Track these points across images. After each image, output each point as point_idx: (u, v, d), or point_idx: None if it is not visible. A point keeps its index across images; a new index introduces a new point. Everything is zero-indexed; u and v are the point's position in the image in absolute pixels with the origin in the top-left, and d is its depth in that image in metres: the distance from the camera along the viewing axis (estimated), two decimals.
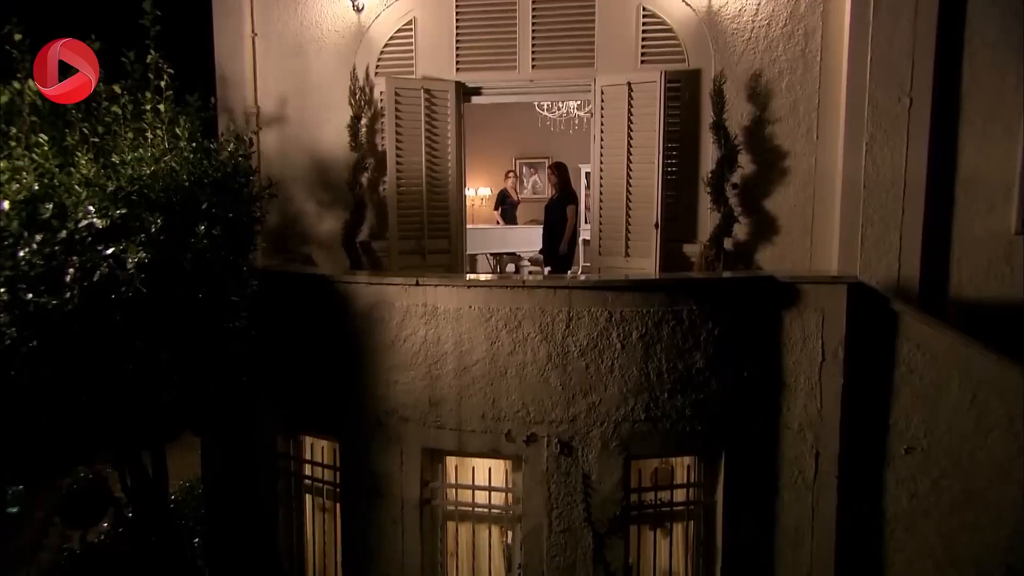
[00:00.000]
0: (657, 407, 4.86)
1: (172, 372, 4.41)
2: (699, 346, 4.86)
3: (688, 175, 6.41)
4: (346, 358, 5.17)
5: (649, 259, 6.27)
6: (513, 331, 4.82)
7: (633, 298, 4.77)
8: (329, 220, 6.94)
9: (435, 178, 6.73)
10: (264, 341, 4.97)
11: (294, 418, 5.55)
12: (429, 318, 4.92)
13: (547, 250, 7.37)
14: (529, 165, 13.18)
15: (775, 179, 6.27)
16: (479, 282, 4.80)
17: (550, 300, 4.77)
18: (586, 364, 4.80)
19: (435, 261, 6.75)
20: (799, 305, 4.95)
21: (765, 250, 6.34)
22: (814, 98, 6.13)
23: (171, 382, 4.43)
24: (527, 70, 6.60)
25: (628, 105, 6.27)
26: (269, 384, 5.35)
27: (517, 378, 4.85)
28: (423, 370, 4.98)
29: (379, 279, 5.02)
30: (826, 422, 4.98)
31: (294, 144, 6.93)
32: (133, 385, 4.32)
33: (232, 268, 4.74)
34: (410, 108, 6.58)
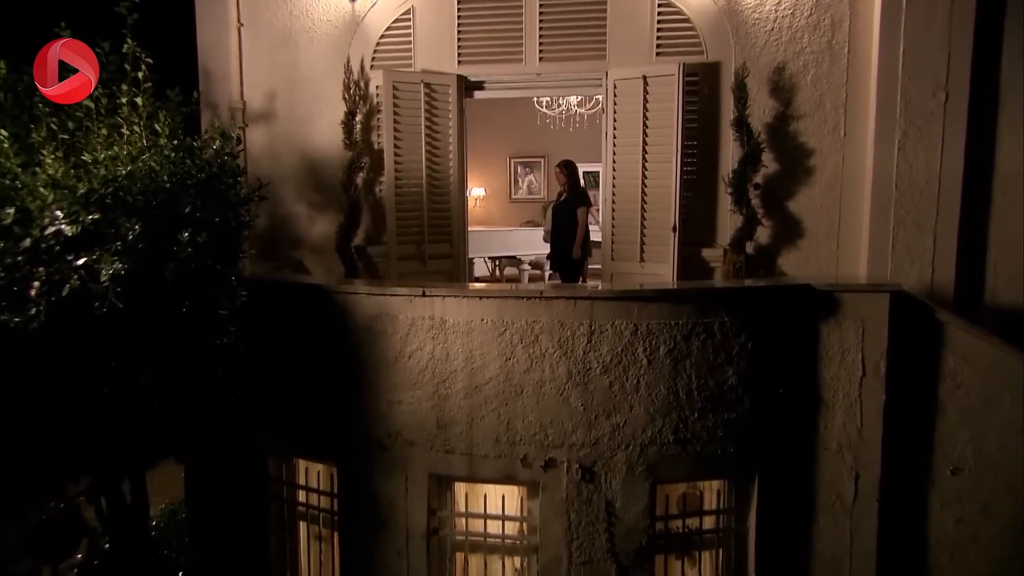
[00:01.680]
0: (687, 428, 4.47)
1: (152, 395, 3.96)
2: (731, 361, 4.47)
3: (706, 175, 6.02)
4: (344, 376, 4.73)
5: (666, 264, 5.87)
6: (530, 346, 4.40)
7: (660, 309, 4.37)
8: (322, 223, 6.49)
9: (436, 178, 6.29)
10: (254, 356, 4.52)
11: (287, 440, 5.10)
12: (437, 332, 4.50)
13: (555, 255, 6.95)
14: (524, 164, 12.76)
15: (799, 179, 5.90)
16: (492, 292, 4.39)
17: (570, 312, 4.36)
18: (609, 382, 4.40)
19: (436, 267, 6.32)
20: (837, 315, 4.57)
21: (788, 254, 5.97)
22: (841, 93, 5.75)
23: (151, 406, 3.97)
24: (534, 63, 6.18)
25: (643, 100, 5.87)
26: (260, 403, 4.89)
27: (534, 398, 4.43)
28: (430, 389, 4.55)
29: (381, 289, 4.58)
30: (866, 441, 4.61)
31: (284, 142, 6.47)
32: (108, 410, 3.87)
33: (219, 278, 4.29)
34: (409, 103, 6.14)
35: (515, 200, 12.79)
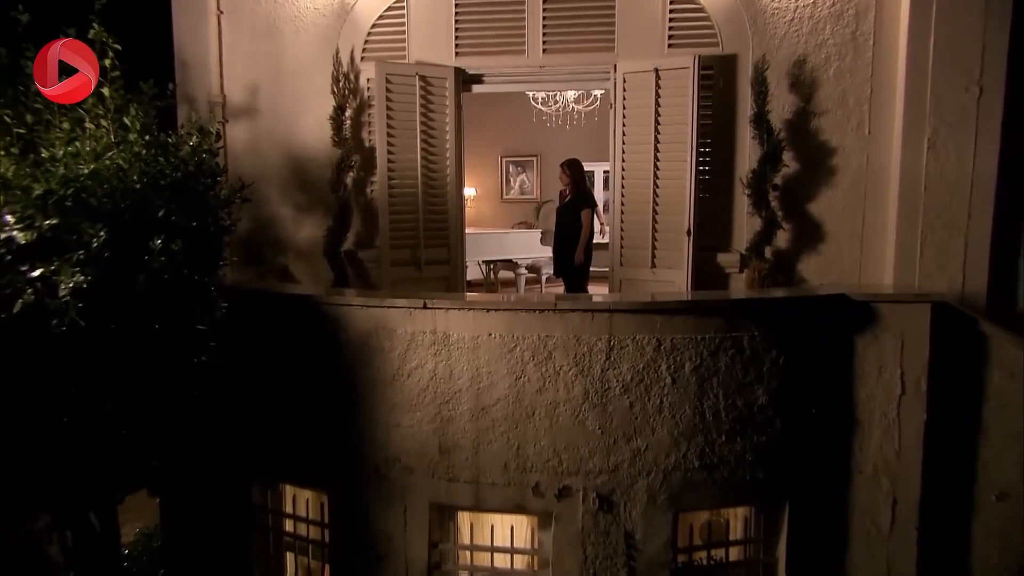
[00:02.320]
0: (713, 452, 4.09)
1: (120, 422, 3.51)
2: (761, 379, 4.09)
3: (721, 175, 5.64)
4: (336, 395, 4.30)
5: (680, 271, 5.49)
6: (542, 364, 4.00)
7: (686, 323, 3.98)
8: (309, 226, 6.04)
9: (432, 177, 5.87)
10: (237, 374, 4.09)
11: (273, 464, 4.65)
12: (439, 348, 4.08)
13: (558, 260, 6.54)
14: (516, 164, 12.36)
15: (820, 179, 5.53)
16: (501, 305, 3.97)
17: (587, 326, 3.95)
18: (630, 403, 4.01)
19: (432, 273, 5.90)
20: (875, 328, 4.21)
21: (808, 260, 5.60)
22: (866, 87, 5.39)
23: (119, 435, 3.53)
24: (537, 55, 5.77)
25: (655, 95, 5.48)
26: (243, 424, 4.46)
27: (547, 420, 4.03)
28: (432, 411, 4.14)
29: (378, 301, 4.16)
30: (905, 465, 4.25)
31: (267, 139, 6.02)
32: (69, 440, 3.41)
33: (197, 289, 3.85)
34: (403, 97, 5.71)
35: (507, 200, 12.40)
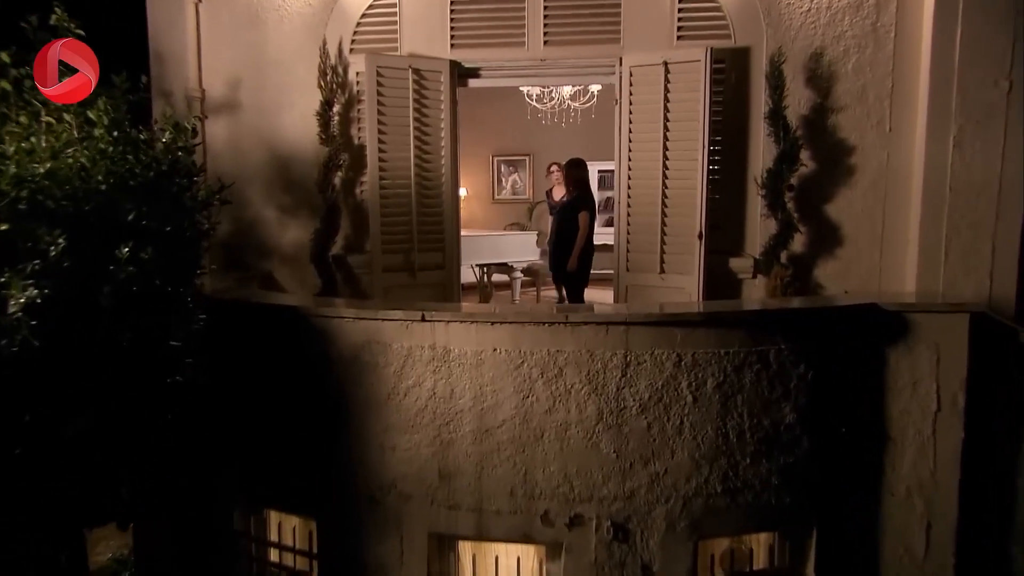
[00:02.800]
0: (737, 476, 3.77)
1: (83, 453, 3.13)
2: (788, 396, 3.78)
3: (733, 175, 5.33)
4: (326, 415, 3.95)
5: (690, 276, 5.17)
6: (552, 382, 3.66)
7: (708, 336, 3.65)
8: (294, 229, 5.67)
9: (425, 177, 5.51)
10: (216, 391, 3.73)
11: (257, 489, 4.29)
12: (439, 364, 3.73)
13: (554, 266, 6.19)
14: (508, 163, 11.98)
15: (838, 179, 5.23)
16: (507, 317, 3.63)
17: (601, 340, 3.62)
18: (648, 423, 3.68)
19: (427, 279, 5.54)
20: (908, 340, 3.91)
21: (826, 264, 5.30)
22: (887, 82, 5.09)
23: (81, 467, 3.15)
24: (537, 47, 5.43)
25: (664, 90, 5.15)
26: (224, 446, 4.10)
27: (557, 443, 3.69)
28: (431, 433, 3.79)
29: (371, 313, 3.80)
30: (941, 486, 3.95)
31: (249, 136, 5.63)
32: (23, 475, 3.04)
33: (171, 301, 3.48)
34: (395, 92, 5.36)
35: (498, 201, 12.01)
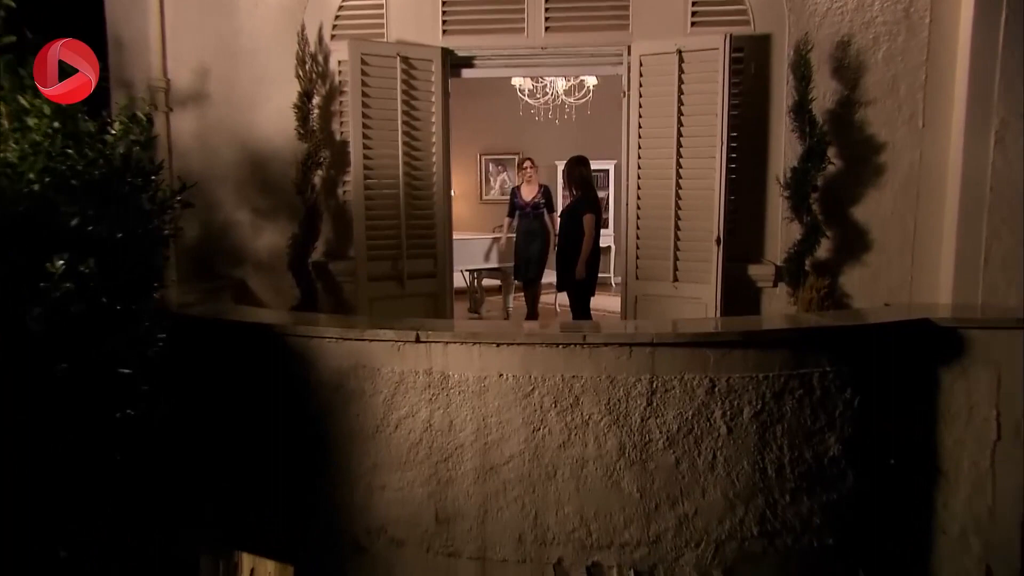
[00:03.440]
0: (775, 516, 3.31)
1: (4, 510, 2.61)
2: (833, 424, 3.32)
3: (752, 174, 4.89)
4: (306, 449, 3.44)
5: (707, 285, 4.73)
6: (567, 412, 3.18)
7: (745, 358, 3.19)
8: (270, 233, 5.16)
9: (415, 176, 5.02)
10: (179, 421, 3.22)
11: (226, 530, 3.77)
12: (435, 392, 3.24)
13: (560, 272, 5.71)
14: (497, 162, 11.51)
15: (866, 179, 4.81)
16: (516, 337, 3.14)
17: (623, 364, 3.14)
18: (676, 458, 3.21)
19: (417, 288, 5.05)
20: (963, 360, 3.47)
21: (852, 271, 4.88)
22: (920, 73, 4.68)
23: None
24: (538, 34, 4.96)
25: (679, 80, 4.70)
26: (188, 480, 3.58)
27: (573, 482, 3.22)
28: (426, 470, 3.29)
29: (357, 332, 3.29)
30: (1000, 524, 3.51)
31: (220, 131, 5.12)
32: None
33: (121, 321, 2.96)
34: (381, 82, 4.86)
35: (486, 201, 11.53)
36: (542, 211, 7.48)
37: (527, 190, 7.53)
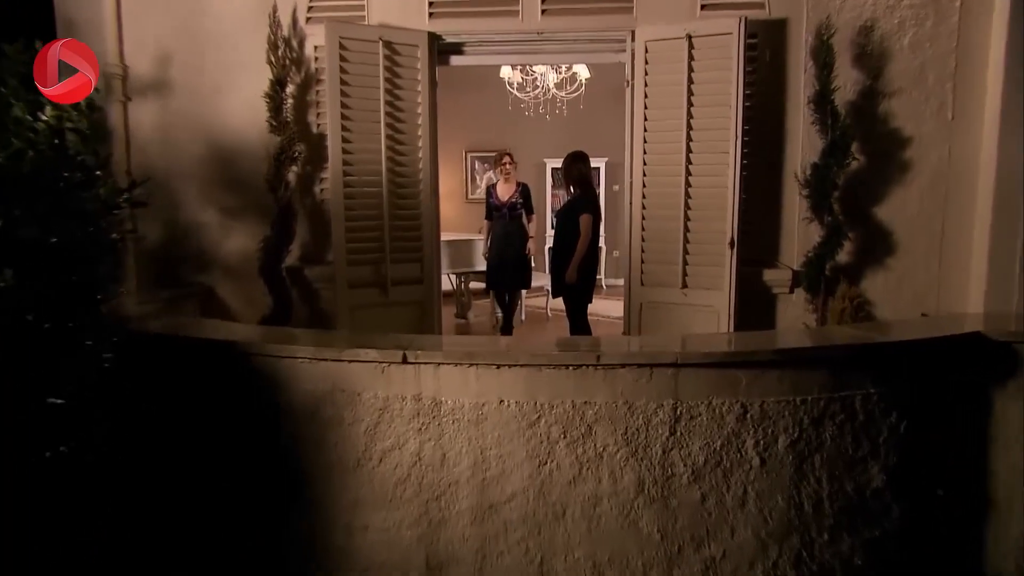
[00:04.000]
0: (812, 557, 2.91)
1: None
2: (877, 453, 2.94)
3: (767, 170, 4.52)
4: (277, 485, 3.00)
5: (719, 292, 4.34)
6: (578, 443, 2.76)
7: (781, 380, 2.79)
8: (240, 236, 4.70)
9: (399, 172, 4.59)
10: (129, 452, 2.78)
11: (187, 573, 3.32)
12: (426, 421, 2.81)
13: (555, 278, 5.29)
14: (483, 160, 11.08)
15: (890, 176, 4.45)
16: (518, 358, 2.72)
17: (643, 388, 2.73)
18: (702, 494, 2.80)
19: (402, 296, 4.62)
20: (1019, 378, 3.09)
21: (875, 277, 4.51)
22: (950, 60, 4.31)
23: None
24: (534, 18, 4.54)
25: (688, 68, 4.30)
26: (140, 523, 3.12)
27: (584, 522, 2.80)
28: (415, 509, 2.87)
29: (334, 352, 2.85)
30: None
31: (184, 122, 4.65)
32: None
33: (55, 342, 2.51)
34: (362, 69, 4.42)
35: (472, 200, 11.10)
36: (520, 212, 6.85)
37: (504, 188, 6.89)
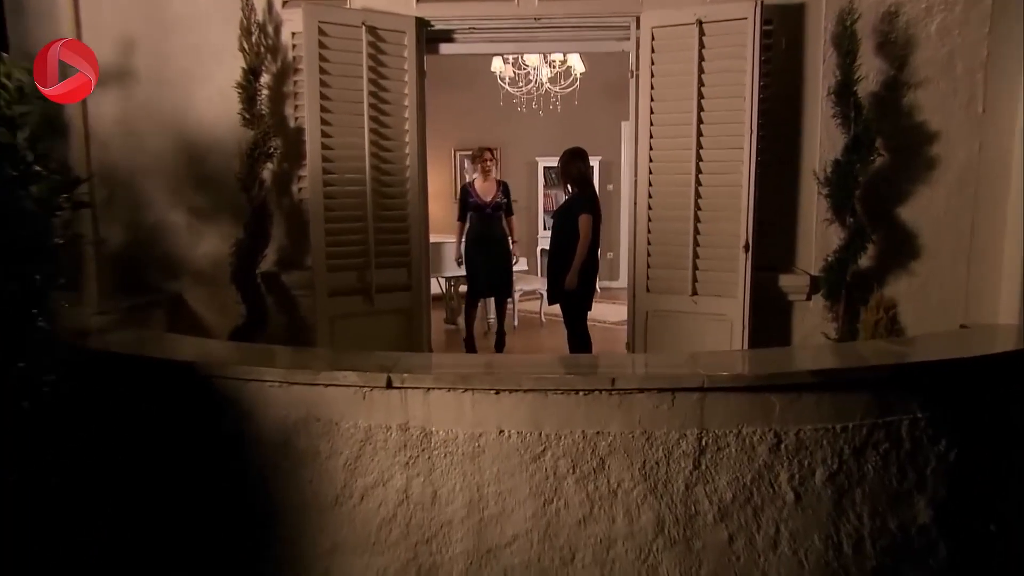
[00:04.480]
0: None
1: None
2: (924, 485, 2.61)
3: (783, 168, 4.18)
4: (244, 525, 2.63)
5: (733, 299, 4.00)
6: (589, 479, 2.41)
7: (819, 405, 2.46)
8: (211, 239, 4.32)
9: (385, 170, 4.23)
10: (76, 492, 2.41)
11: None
12: (414, 453, 2.45)
13: (551, 283, 4.94)
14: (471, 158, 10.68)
15: (915, 174, 4.13)
16: (521, 381, 2.37)
17: (663, 415, 2.39)
18: (729, 535, 2.46)
19: (388, 303, 4.26)
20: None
21: (899, 282, 4.19)
22: (980, 49, 4.00)
23: None
24: (531, 2, 4.19)
25: (699, 57, 3.96)
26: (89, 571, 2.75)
27: (597, 568, 2.45)
28: (403, 553, 2.51)
29: (309, 375, 2.48)
30: None
31: (148, 115, 4.27)
32: None
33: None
34: (344, 57, 4.06)
35: None
36: (502, 213, 6.43)
37: (485, 186, 6.43)
